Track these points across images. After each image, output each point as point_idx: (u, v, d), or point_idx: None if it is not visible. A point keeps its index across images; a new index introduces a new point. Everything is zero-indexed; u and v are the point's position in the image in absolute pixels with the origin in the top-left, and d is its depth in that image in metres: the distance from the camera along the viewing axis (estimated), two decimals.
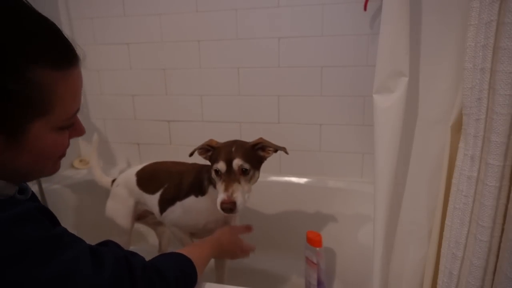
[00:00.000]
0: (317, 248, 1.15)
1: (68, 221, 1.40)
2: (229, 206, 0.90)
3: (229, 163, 0.95)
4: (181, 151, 1.10)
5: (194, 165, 1.19)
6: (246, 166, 0.95)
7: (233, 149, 0.98)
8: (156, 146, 1.75)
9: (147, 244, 1.67)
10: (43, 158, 0.58)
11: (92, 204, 1.37)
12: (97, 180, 1.37)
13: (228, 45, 1.53)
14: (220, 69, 1.57)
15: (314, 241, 1.15)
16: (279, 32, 1.46)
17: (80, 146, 1.83)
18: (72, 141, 0.63)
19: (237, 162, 0.94)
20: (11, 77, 0.48)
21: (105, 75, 1.71)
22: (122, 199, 1.25)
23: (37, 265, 0.47)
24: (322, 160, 1.56)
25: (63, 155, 0.63)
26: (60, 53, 0.54)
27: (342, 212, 1.46)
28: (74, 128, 0.62)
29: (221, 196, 0.91)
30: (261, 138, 1.04)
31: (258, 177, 1.02)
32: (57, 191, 1.53)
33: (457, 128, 0.68)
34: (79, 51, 0.57)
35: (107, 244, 0.65)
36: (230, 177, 0.94)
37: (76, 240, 0.55)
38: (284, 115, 1.56)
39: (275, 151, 1.05)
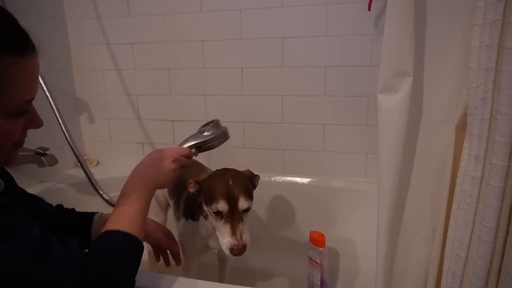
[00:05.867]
0: (321, 248, 1.15)
1: None
2: (242, 252, 0.81)
3: (232, 202, 0.83)
4: None
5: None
6: (250, 204, 0.86)
7: (230, 182, 0.86)
8: (160, 146, 1.75)
9: None
10: None
11: (96, 203, 1.37)
12: None
13: (232, 45, 1.53)
14: (224, 69, 1.57)
15: (317, 241, 1.15)
16: (283, 32, 1.46)
17: (85, 145, 1.84)
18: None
19: (243, 204, 0.84)
20: None
21: (110, 75, 1.72)
22: None
23: None
24: (326, 160, 1.56)
25: (18, 144, 0.62)
26: (12, 40, 0.54)
27: (346, 212, 1.46)
28: (30, 118, 0.62)
29: (229, 240, 0.82)
30: (249, 171, 0.96)
31: None
32: (62, 190, 1.54)
33: (462, 128, 0.68)
34: (36, 42, 0.57)
35: (69, 243, 0.60)
36: (234, 217, 0.83)
37: (22, 233, 0.52)
38: (287, 115, 1.56)
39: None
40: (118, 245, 0.65)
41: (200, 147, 0.91)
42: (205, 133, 0.92)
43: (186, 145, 0.90)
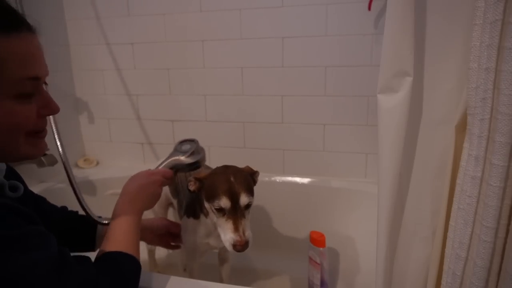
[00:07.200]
0: (321, 248, 1.15)
1: None
2: (244, 248, 0.82)
3: (234, 199, 0.84)
4: None
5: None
6: (252, 200, 0.87)
7: (232, 178, 0.86)
8: (159, 146, 1.76)
9: None
10: (5, 130, 0.55)
11: (96, 203, 1.37)
12: None
13: (232, 45, 1.53)
14: (224, 69, 1.57)
15: (317, 241, 1.15)
16: (283, 32, 1.46)
17: (85, 145, 1.84)
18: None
19: (244, 200, 0.85)
20: None
21: (109, 75, 1.72)
22: None
23: None
24: (326, 160, 1.56)
25: (40, 132, 0.61)
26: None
27: (346, 212, 1.46)
28: (43, 103, 0.60)
29: (232, 236, 0.83)
30: (249, 167, 0.97)
31: None
32: (62, 190, 1.54)
33: (462, 128, 0.68)
34: (32, 22, 0.57)
35: (83, 260, 0.62)
36: (237, 213, 0.84)
37: (45, 245, 0.53)
38: (287, 115, 1.56)
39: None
40: (124, 265, 0.69)
41: (181, 170, 0.94)
42: (189, 158, 0.93)
43: (169, 166, 0.92)
